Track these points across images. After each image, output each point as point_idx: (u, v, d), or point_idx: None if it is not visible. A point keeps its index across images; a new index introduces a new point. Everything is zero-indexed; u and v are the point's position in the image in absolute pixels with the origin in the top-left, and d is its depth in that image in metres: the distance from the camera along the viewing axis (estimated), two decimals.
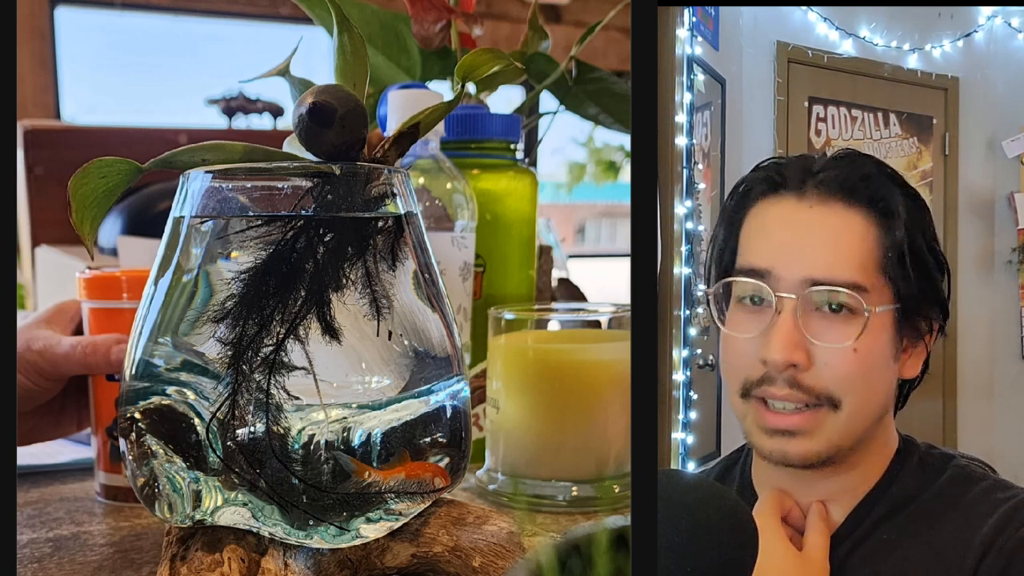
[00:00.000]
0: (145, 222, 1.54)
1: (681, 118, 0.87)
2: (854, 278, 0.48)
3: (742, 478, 0.56)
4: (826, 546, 0.49)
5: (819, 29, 1.12)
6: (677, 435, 0.85)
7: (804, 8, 1.10)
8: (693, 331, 0.87)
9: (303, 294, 0.46)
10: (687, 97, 0.88)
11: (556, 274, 1.27)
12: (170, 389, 0.47)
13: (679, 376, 0.86)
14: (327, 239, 0.46)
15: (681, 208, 0.87)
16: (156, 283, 0.49)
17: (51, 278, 1.53)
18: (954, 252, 1.19)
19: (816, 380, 0.48)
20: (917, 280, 0.49)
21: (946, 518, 0.49)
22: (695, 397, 0.87)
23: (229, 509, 0.46)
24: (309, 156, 0.49)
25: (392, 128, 0.56)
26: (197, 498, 0.46)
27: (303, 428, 0.45)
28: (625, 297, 0.90)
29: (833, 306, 0.48)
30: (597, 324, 0.76)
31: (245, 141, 0.50)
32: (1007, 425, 1.19)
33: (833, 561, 0.50)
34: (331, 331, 0.46)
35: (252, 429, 0.45)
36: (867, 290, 0.48)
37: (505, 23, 4.32)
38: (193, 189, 0.48)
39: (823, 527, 0.50)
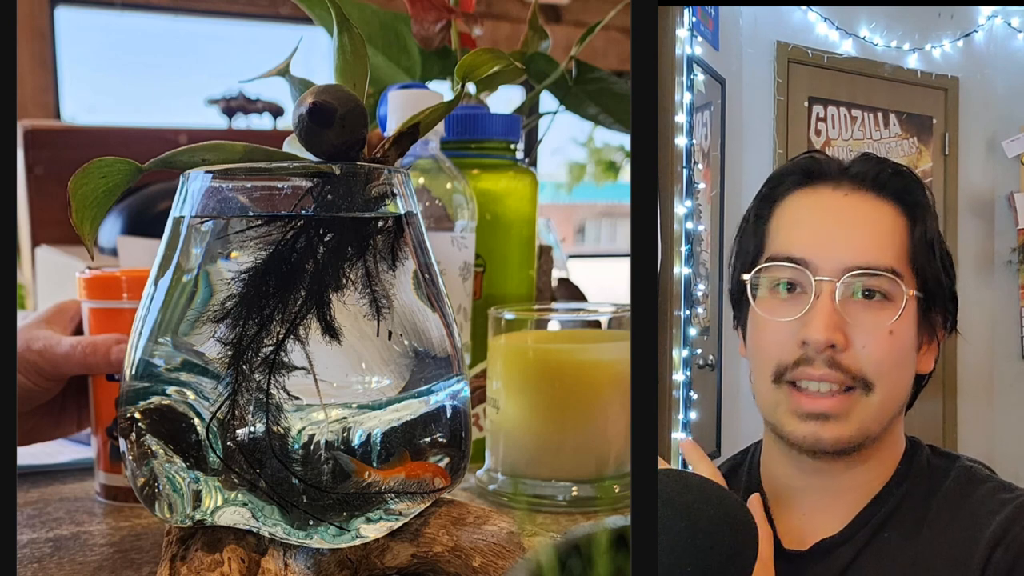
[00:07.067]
0: (145, 222, 1.54)
1: (681, 118, 0.87)
2: (892, 264, 0.50)
3: (749, 478, 0.56)
4: None
5: (819, 29, 1.12)
6: (677, 435, 0.85)
7: (804, 8, 1.10)
8: (693, 331, 0.87)
9: (303, 294, 0.46)
10: (687, 97, 0.88)
11: (556, 274, 1.27)
12: (170, 389, 0.47)
13: (679, 376, 0.86)
14: (327, 239, 0.46)
15: (681, 208, 0.87)
16: (156, 283, 0.49)
17: (51, 278, 1.53)
18: (954, 252, 1.18)
19: (853, 361, 0.49)
20: (942, 273, 0.51)
21: (953, 518, 0.49)
22: (695, 397, 0.87)
23: (229, 509, 0.46)
24: (309, 156, 0.49)
25: (392, 128, 0.56)
26: (197, 498, 0.46)
27: (303, 428, 0.45)
28: (625, 297, 0.90)
29: (867, 292, 0.49)
30: (597, 324, 0.76)
31: (245, 141, 0.50)
32: (1007, 425, 1.19)
33: (841, 561, 0.50)
34: (331, 331, 0.46)
35: (252, 429, 0.45)
36: (903, 277, 0.50)
37: (505, 23, 4.32)
38: (193, 189, 0.48)
39: None
